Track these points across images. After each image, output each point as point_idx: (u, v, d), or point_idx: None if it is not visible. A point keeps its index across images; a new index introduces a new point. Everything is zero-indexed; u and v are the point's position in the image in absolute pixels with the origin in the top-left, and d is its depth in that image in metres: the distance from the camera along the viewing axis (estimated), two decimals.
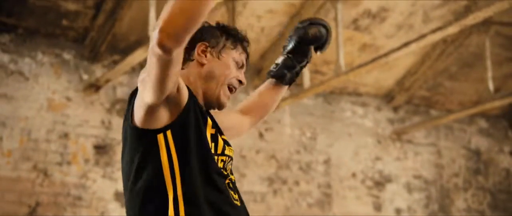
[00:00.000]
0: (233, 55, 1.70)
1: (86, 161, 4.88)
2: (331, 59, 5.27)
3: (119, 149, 4.99)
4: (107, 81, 4.83)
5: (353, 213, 5.73)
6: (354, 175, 5.87)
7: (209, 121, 1.62)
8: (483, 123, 6.56)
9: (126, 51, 4.70)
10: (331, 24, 5.52)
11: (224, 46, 1.69)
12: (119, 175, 4.95)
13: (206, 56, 1.67)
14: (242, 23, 5.06)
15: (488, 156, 6.50)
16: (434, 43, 5.39)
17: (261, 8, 4.96)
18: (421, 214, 6.06)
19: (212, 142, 1.59)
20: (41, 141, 4.77)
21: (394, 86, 6.02)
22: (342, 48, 4.72)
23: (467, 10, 4.71)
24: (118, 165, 4.97)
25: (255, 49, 5.33)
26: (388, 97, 6.13)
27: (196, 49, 1.67)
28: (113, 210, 4.88)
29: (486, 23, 5.20)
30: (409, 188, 6.08)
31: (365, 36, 5.25)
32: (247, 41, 1.73)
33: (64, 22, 4.80)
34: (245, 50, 1.72)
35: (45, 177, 4.74)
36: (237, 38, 1.71)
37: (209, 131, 1.60)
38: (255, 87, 5.49)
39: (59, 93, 4.90)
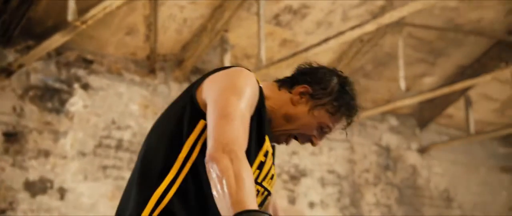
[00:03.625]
0: (326, 120, 1.53)
1: None
2: (252, 53, 5.32)
3: (31, 137, 4.80)
4: (20, 66, 4.63)
5: None
6: None
7: (265, 146, 1.47)
8: (393, 121, 6.84)
9: (42, 36, 4.53)
10: (253, 19, 5.58)
11: (324, 105, 1.52)
12: (30, 164, 4.76)
13: (300, 98, 1.53)
14: (164, 13, 5.01)
15: (397, 153, 6.79)
16: (351, 42, 5.58)
17: None
18: (333, 208, 6.24)
19: (256, 169, 1.46)
20: None
21: None
22: (263, 42, 4.78)
23: (383, 10, 4.90)
24: (30, 153, 4.78)
25: (176, 40, 5.30)
26: None
27: (297, 87, 1.53)
28: (22, 200, 4.68)
29: (400, 24, 5.44)
30: (322, 183, 6.25)
31: (286, 32, 5.34)
32: (354, 117, 1.54)
33: None
34: (345, 123, 1.55)
35: None
36: (345, 109, 1.53)
37: (260, 158, 1.47)
38: (175, 79, 5.47)
39: None
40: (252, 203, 1.18)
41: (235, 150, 1.26)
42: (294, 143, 6.05)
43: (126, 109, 5.18)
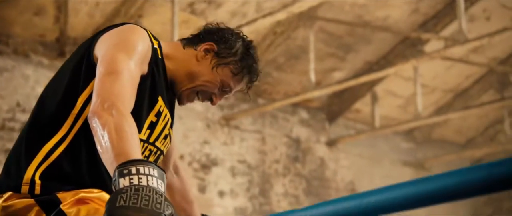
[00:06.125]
0: (228, 79, 1.57)
1: None
2: (166, 40, 5.30)
3: None
4: None
5: None
6: (181, 157, 5.95)
7: (157, 106, 1.49)
8: (304, 114, 7.02)
9: None
10: (168, 6, 5.54)
11: (227, 64, 1.56)
12: None
13: (205, 55, 1.56)
14: None
15: (307, 145, 6.97)
16: (265, 34, 5.69)
17: None
18: (242, 197, 6.33)
19: (147, 129, 1.47)
20: None
21: None
22: (178, 30, 4.78)
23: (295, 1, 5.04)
24: None
25: (88, 23, 5.18)
26: None
27: (203, 44, 1.56)
28: None
29: (311, 18, 5.60)
30: (233, 172, 6.32)
31: (200, 20, 5.36)
32: (255, 80, 1.60)
33: None
34: (245, 84, 1.59)
35: None
36: (247, 71, 1.57)
37: (150, 118, 1.48)
38: None
39: None
40: (136, 154, 1.19)
41: (117, 105, 1.26)
42: (206, 131, 6.07)
43: (33, 92, 5.02)
